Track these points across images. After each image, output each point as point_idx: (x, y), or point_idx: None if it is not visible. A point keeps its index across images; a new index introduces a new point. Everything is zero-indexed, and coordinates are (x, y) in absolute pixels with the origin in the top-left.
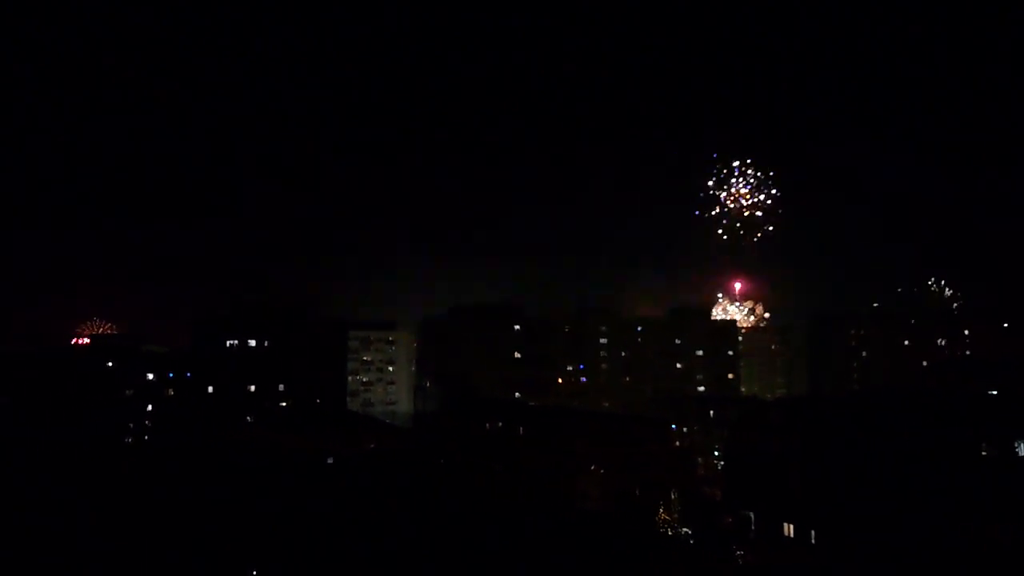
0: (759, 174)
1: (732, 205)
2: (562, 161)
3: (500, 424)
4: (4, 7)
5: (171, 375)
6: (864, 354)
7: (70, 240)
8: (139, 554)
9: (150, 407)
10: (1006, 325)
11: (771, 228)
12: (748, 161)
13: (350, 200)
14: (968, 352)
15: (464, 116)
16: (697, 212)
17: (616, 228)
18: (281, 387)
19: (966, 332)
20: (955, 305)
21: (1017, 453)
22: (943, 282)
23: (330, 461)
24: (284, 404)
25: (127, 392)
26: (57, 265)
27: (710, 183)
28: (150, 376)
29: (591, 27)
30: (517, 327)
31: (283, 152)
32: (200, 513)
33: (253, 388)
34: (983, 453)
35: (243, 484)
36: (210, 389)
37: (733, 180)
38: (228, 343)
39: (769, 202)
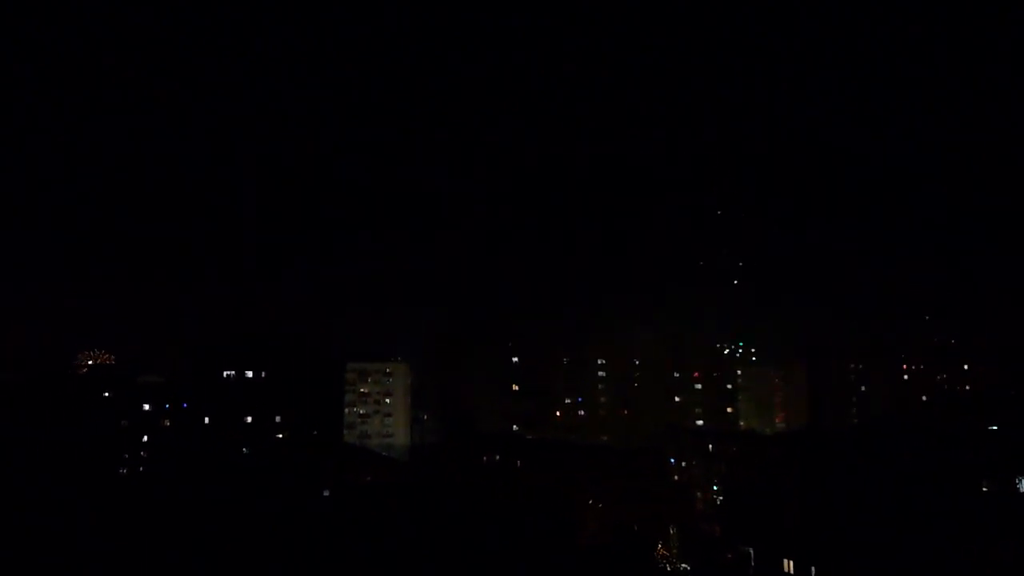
0: (761, 208)
1: (734, 239)
2: (561, 190)
3: (498, 457)
4: (4, 7)
5: (168, 406)
6: (863, 388)
7: (68, 264)
8: None
9: (146, 438)
10: (1005, 360)
11: (772, 262)
12: (751, 193)
13: (348, 230)
14: (967, 387)
15: (453, 140)
16: (700, 246)
17: (616, 260)
18: (278, 419)
19: (965, 367)
20: (954, 340)
21: (1018, 489)
22: (943, 317)
23: (326, 493)
24: (281, 436)
25: (123, 423)
26: (54, 290)
27: (713, 217)
28: (146, 407)
29: (589, 46)
30: (515, 359)
31: (283, 183)
32: (195, 544)
33: (250, 419)
34: (984, 489)
35: (238, 516)
36: (206, 420)
37: (735, 214)
38: (225, 374)
39: (770, 236)
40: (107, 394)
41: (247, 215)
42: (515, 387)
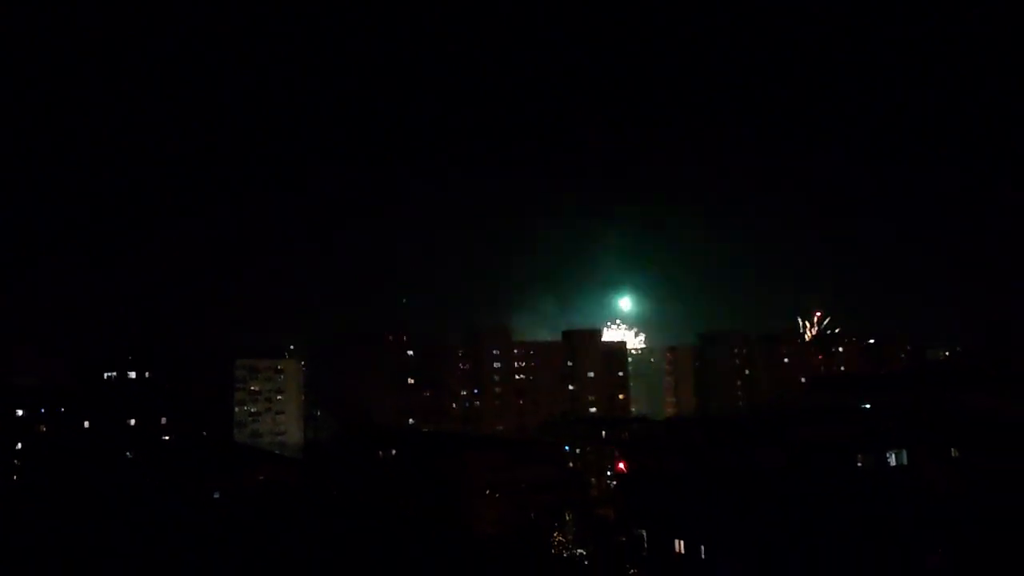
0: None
1: (629, 232)
2: (452, 185)
3: (393, 452)
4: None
5: (44, 410)
6: (747, 372)
7: None
8: None
9: (20, 445)
10: (876, 344)
11: (663, 253)
12: (639, 188)
13: (233, 225)
14: (843, 368)
15: (352, 140)
16: (595, 237)
17: (507, 252)
18: (164, 420)
19: (839, 349)
20: (836, 329)
21: (888, 463)
22: (818, 307)
23: (216, 495)
24: (167, 438)
25: None
26: None
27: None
28: (20, 412)
29: (490, 54)
30: (410, 352)
31: (166, 175)
32: (76, 556)
33: (133, 422)
34: (859, 464)
35: (122, 524)
36: (86, 424)
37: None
38: (106, 375)
39: (661, 229)
40: None
41: (129, 208)
42: (410, 380)
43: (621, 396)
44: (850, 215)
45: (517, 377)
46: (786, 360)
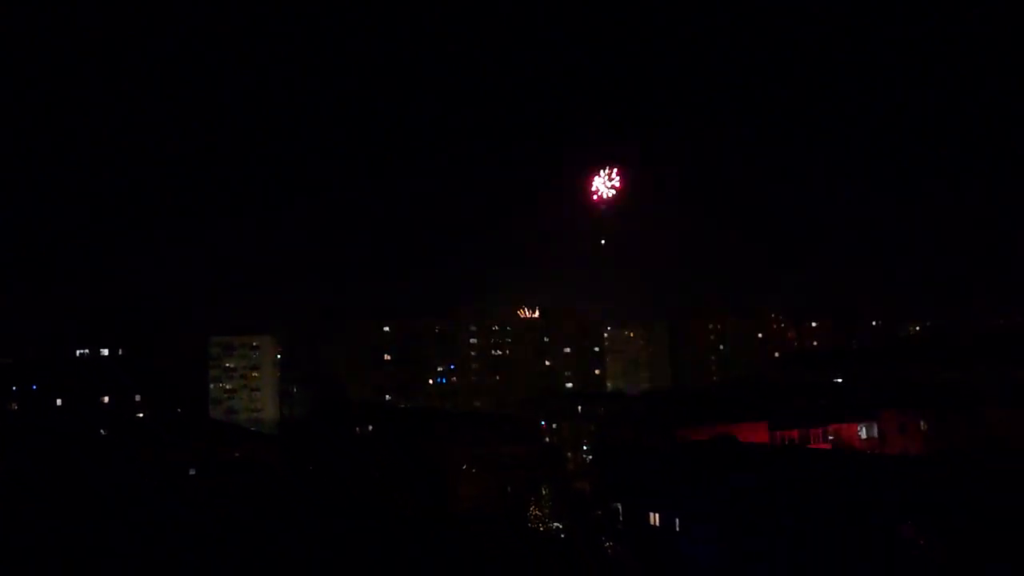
0: (626, 177)
1: (599, 206)
2: (430, 162)
3: (370, 427)
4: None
5: (15, 388)
6: (722, 347)
7: None
8: None
9: None
10: (848, 319)
11: (637, 229)
12: (615, 164)
13: (210, 203)
14: (815, 343)
15: (326, 117)
16: (566, 215)
17: (485, 230)
18: (138, 397)
19: (813, 324)
20: (811, 304)
21: (860, 435)
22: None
23: (192, 472)
24: (141, 415)
25: None
26: None
27: (579, 183)
28: None
29: (450, 27)
30: (387, 328)
31: (140, 154)
32: (50, 535)
33: (107, 399)
34: (830, 437)
35: (94, 502)
36: (59, 401)
37: (601, 181)
38: (78, 352)
39: (636, 204)
40: None
41: (106, 189)
42: (387, 356)
43: (597, 371)
44: (823, 189)
45: (494, 353)
46: (760, 335)
